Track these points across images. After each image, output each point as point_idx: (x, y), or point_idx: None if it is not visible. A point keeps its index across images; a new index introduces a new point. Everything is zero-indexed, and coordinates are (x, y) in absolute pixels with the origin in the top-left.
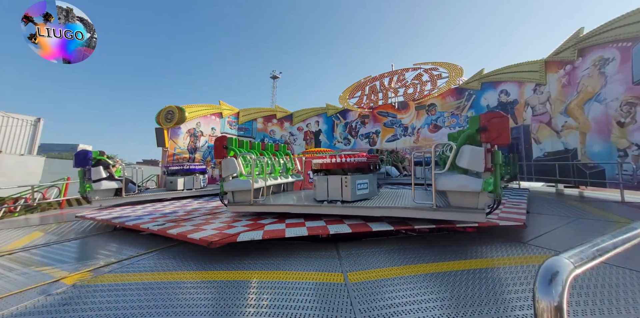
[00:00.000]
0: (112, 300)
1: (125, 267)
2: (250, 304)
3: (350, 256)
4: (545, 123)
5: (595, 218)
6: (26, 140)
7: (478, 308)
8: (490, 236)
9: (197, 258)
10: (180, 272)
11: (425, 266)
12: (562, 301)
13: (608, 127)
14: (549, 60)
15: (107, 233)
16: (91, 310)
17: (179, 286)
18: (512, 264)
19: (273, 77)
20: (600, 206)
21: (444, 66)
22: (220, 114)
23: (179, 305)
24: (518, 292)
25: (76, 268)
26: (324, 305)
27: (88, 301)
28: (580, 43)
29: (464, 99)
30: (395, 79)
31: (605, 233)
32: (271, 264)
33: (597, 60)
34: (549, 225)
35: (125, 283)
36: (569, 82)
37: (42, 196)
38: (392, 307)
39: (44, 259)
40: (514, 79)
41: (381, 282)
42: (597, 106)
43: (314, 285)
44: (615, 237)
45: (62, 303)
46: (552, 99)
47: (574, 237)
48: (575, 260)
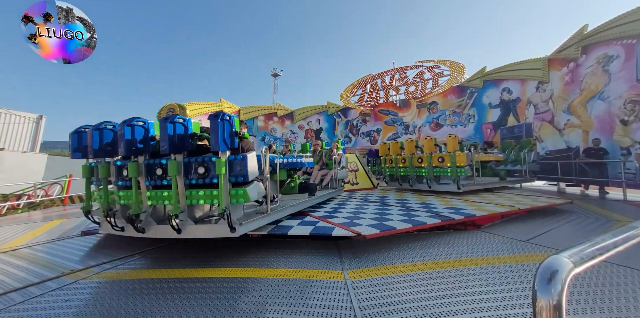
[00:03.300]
0: (114, 297)
1: (128, 263)
2: (250, 302)
3: (351, 254)
4: (547, 121)
5: (596, 217)
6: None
7: (478, 306)
8: (490, 234)
9: (199, 255)
10: (182, 269)
11: (425, 264)
12: (561, 300)
13: (611, 125)
14: (552, 57)
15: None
16: (93, 306)
17: (181, 283)
18: (512, 262)
19: (274, 75)
20: (601, 205)
21: (445, 64)
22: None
23: (180, 303)
24: (518, 290)
25: (79, 265)
26: (324, 302)
27: (90, 297)
28: (584, 40)
29: (465, 97)
30: (396, 77)
31: (606, 231)
32: (271, 262)
33: (601, 58)
34: (549, 224)
35: (127, 280)
36: (572, 79)
37: (44, 193)
38: (392, 304)
39: (47, 256)
40: (516, 76)
41: (381, 280)
42: (601, 104)
43: (313, 283)
44: (616, 236)
45: (64, 300)
46: (554, 97)
47: (574, 235)
48: (575, 259)
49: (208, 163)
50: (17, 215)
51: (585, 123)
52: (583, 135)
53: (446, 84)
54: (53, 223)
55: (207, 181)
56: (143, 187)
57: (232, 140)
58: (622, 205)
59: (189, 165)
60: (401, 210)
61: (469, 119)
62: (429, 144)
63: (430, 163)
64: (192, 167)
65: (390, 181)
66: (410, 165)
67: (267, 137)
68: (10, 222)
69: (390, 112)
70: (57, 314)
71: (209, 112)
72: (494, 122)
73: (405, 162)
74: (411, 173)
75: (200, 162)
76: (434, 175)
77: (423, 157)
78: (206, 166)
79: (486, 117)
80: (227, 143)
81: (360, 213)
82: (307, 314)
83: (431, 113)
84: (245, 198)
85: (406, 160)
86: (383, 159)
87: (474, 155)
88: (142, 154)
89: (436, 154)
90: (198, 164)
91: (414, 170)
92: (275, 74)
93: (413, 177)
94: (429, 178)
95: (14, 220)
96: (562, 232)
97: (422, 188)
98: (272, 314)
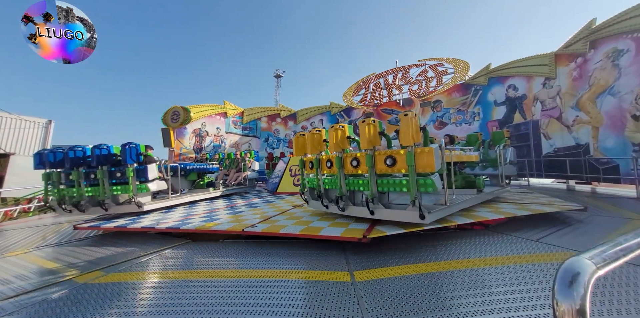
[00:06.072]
0: (122, 298)
1: (135, 266)
2: (256, 303)
3: (357, 255)
4: (555, 118)
5: (609, 215)
6: (38, 142)
7: (497, 306)
8: (498, 234)
9: (202, 257)
10: (187, 271)
11: (435, 264)
12: (584, 304)
13: (622, 121)
14: (559, 53)
15: (118, 233)
16: (102, 308)
17: (186, 284)
18: (526, 262)
19: (277, 76)
20: (614, 202)
21: (449, 62)
22: (225, 113)
23: (187, 304)
24: (537, 291)
25: (87, 267)
26: (330, 304)
27: (99, 299)
28: (593, 35)
29: (470, 95)
30: (399, 76)
31: (620, 230)
32: (275, 262)
33: (610, 52)
34: (558, 223)
35: (134, 282)
36: (580, 75)
37: None
38: (400, 306)
39: (57, 258)
40: (522, 73)
41: (388, 281)
42: (611, 99)
43: (320, 284)
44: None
45: (74, 302)
46: (562, 93)
47: (585, 234)
48: (597, 261)
49: (124, 170)
50: (28, 218)
51: (595, 119)
52: (593, 132)
53: (450, 82)
54: (62, 226)
55: (122, 181)
56: (107, 183)
57: (137, 158)
58: (634, 203)
59: (112, 172)
60: None
61: (474, 117)
62: (370, 130)
63: (372, 169)
64: (114, 173)
65: (312, 199)
66: (341, 171)
67: (270, 138)
68: (21, 225)
69: (393, 112)
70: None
71: (213, 114)
72: (499, 120)
73: (331, 166)
74: (339, 188)
75: (119, 170)
76: (377, 191)
77: (360, 157)
78: (122, 171)
79: (491, 114)
80: (132, 159)
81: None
82: (313, 315)
83: (435, 111)
84: (147, 189)
85: (332, 164)
86: (300, 161)
87: (448, 153)
88: (133, 163)
89: (382, 152)
90: (118, 171)
91: (348, 182)
92: (278, 75)
93: (345, 195)
94: (371, 197)
95: (25, 223)
96: (573, 231)
97: (362, 214)
98: (279, 316)
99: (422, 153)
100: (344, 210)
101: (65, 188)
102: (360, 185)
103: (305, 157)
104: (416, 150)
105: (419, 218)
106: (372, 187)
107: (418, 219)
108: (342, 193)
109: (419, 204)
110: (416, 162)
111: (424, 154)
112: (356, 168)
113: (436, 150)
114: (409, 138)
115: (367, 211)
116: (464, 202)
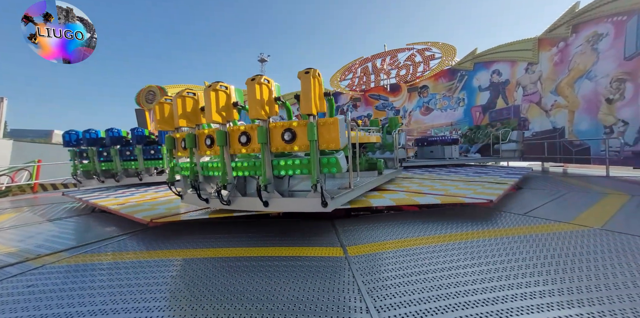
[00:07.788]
0: (79, 281)
1: (97, 248)
2: (250, 280)
3: (348, 231)
4: (535, 103)
5: (584, 191)
6: None
7: (488, 276)
8: (487, 209)
9: (184, 235)
10: (167, 251)
11: (429, 238)
12: None
13: (597, 104)
14: (542, 37)
15: (84, 216)
16: (61, 291)
17: (163, 264)
18: (518, 234)
19: (261, 61)
20: (586, 181)
21: (437, 46)
22: None
23: (157, 283)
24: (526, 260)
25: (46, 250)
26: (327, 278)
27: (53, 282)
28: (575, 18)
29: (455, 80)
30: (387, 60)
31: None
32: (268, 240)
33: (590, 36)
34: (542, 199)
35: (94, 264)
36: (561, 60)
37: (10, 180)
38: (396, 278)
39: (12, 241)
40: (506, 58)
41: (382, 255)
42: (588, 84)
43: (314, 259)
44: None
45: (26, 285)
46: (543, 79)
47: (567, 208)
48: None
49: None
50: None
51: (572, 103)
52: (569, 115)
53: (437, 67)
54: (21, 210)
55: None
56: None
57: None
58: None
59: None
60: None
61: (459, 103)
62: (262, 93)
63: (266, 146)
64: None
65: (188, 191)
66: (225, 150)
67: None
68: None
69: (380, 97)
70: (17, 300)
71: None
72: (483, 105)
73: (211, 144)
74: (223, 174)
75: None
76: (272, 175)
77: (249, 130)
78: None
79: (476, 100)
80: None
81: None
82: (311, 289)
83: (422, 97)
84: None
85: (213, 141)
86: (168, 139)
87: (353, 134)
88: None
89: (279, 124)
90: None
91: (235, 166)
92: (263, 59)
93: (231, 183)
94: (265, 183)
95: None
96: (555, 205)
97: (253, 207)
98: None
99: (325, 125)
100: (230, 204)
101: (103, 163)
102: (251, 169)
103: (174, 133)
104: (319, 121)
105: (322, 205)
106: (265, 170)
107: (320, 207)
108: (227, 181)
109: (321, 189)
110: (319, 136)
111: (328, 125)
112: (245, 146)
113: (341, 122)
114: (310, 104)
115: (260, 202)
116: (367, 183)
